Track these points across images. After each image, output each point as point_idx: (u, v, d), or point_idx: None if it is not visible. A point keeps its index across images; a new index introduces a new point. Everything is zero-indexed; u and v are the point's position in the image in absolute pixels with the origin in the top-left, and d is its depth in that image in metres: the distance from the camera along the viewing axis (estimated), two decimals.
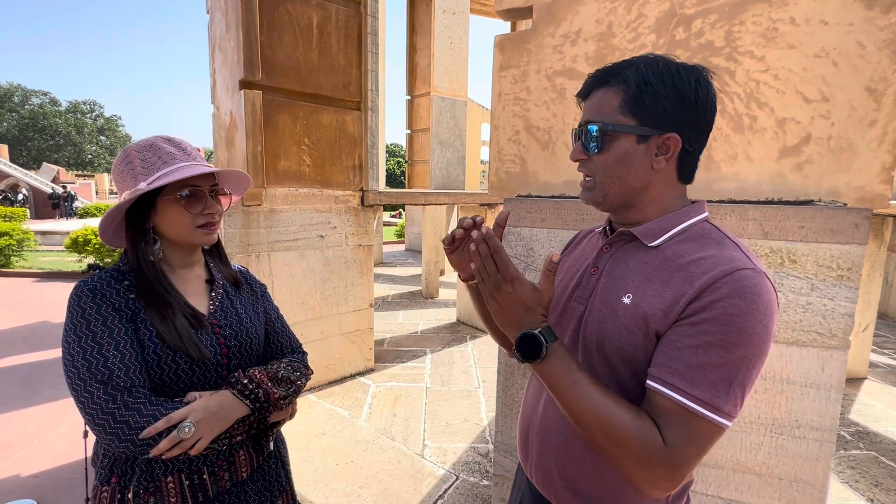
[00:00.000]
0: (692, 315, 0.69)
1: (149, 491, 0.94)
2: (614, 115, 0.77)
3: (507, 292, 0.73)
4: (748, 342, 0.65)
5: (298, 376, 1.13)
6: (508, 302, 0.74)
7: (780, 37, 1.26)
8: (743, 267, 0.69)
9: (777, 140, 1.29)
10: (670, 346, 0.70)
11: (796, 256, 1.25)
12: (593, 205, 0.83)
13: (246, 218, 3.12)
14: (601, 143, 0.78)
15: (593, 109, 0.80)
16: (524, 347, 0.73)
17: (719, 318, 0.66)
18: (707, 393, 0.65)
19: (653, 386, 0.69)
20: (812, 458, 1.28)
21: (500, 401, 1.74)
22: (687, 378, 0.66)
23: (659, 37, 1.41)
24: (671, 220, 0.80)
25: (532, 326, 0.73)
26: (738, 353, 0.65)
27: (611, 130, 0.77)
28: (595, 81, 0.81)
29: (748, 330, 0.65)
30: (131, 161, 0.98)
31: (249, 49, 2.97)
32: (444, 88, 6.89)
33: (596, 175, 0.81)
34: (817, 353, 1.25)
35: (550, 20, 1.57)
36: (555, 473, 0.86)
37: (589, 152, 0.80)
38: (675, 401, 0.66)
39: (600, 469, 0.80)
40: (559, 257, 0.64)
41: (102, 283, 0.95)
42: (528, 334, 0.72)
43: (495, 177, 1.73)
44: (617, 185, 0.79)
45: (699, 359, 0.66)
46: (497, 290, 0.74)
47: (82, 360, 0.88)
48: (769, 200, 1.31)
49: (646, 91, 0.75)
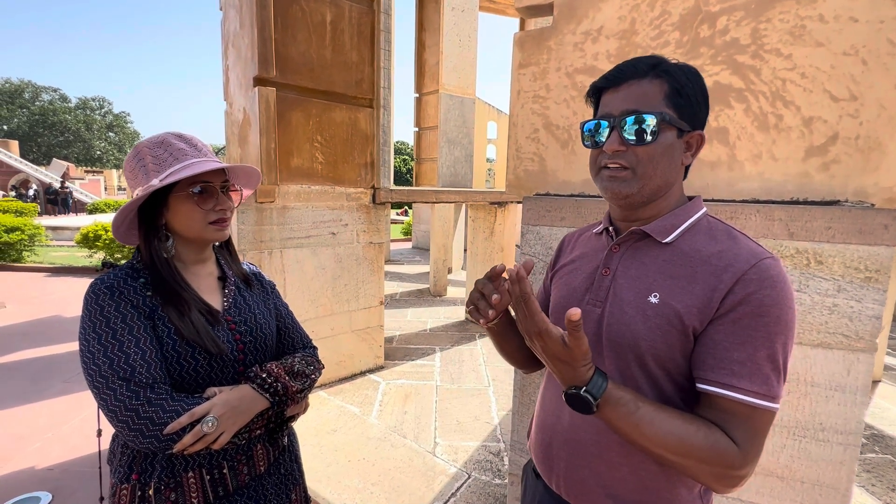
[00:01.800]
0: (730, 311, 0.70)
1: (170, 487, 0.95)
2: (661, 106, 0.75)
3: (539, 345, 0.71)
4: (785, 327, 0.69)
5: (312, 370, 1.15)
6: (544, 353, 0.71)
7: (808, 34, 1.24)
8: (764, 256, 0.72)
9: (803, 139, 1.27)
10: (717, 346, 0.70)
11: (823, 257, 1.23)
12: (623, 197, 0.79)
13: (259, 215, 3.13)
14: (655, 133, 0.75)
15: (635, 99, 0.76)
16: (572, 405, 0.71)
17: (758, 311, 0.69)
18: (764, 386, 0.68)
19: (712, 390, 0.70)
20: (836, 461, 1.26)
21: (517, 400, 1.73)
22: (744, 376, 0.68)
23: (683, 34, 1.39)
24: (679, 216, 0.81)
25: (575, 382, 0.70)
26: (779, 340, 0.69)
27: (666, 122, 0.75)
28: (634, 70, 0.78)
29: (784, 317, 0.69)
30: (143, 158, 0.98)
31: (264, 46, 2.98)
32: (453, 86, 6.88)
33: (638, 166, 0.77)
34: (843, 355, 1.23)
35: (571, 17, 1.56)
36: (591, 482, 0.84)
37: (630, 143, 0.76)
38: (740, 401, 0.68)
39: (638, 473, 0.80)
40: (579, 315, 0.63)
41: (119, 281, 0.95)
42: (572, 394, 0.70)
43: (513, 175, 1.72)
44: (658, 178, 0.78)
45: (749, 354, 0.68)
46: (530, 339, 0.72)
47: (103, 357, 0.88)
48: (794, 200, 1.29)
49: (688, 86, 0.76)
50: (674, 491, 0.79)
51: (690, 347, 0.74)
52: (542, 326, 0.69)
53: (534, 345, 0.72)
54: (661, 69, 0.76)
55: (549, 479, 0.92)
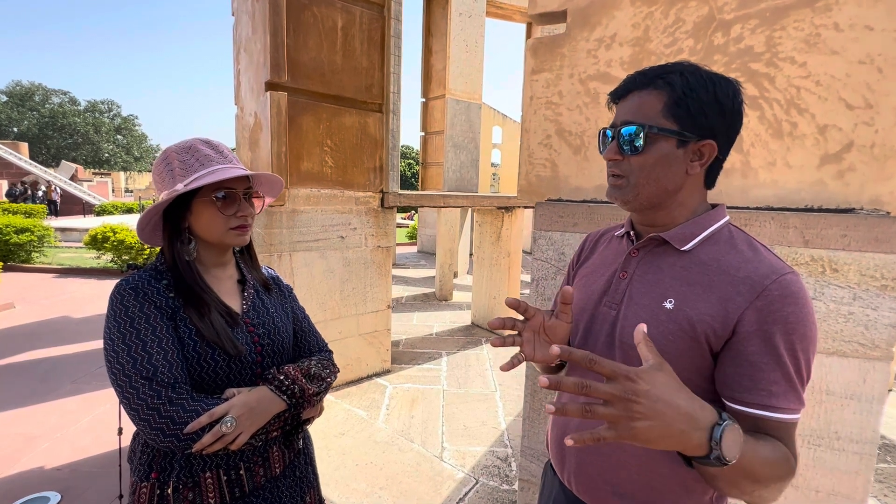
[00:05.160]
0: (758, 328, 0.71)
1: (188, 486, 0.96)
2: (657, 118, 0.77)
3: (645, 402, 0.56)
4: (810, 343, 0.71)
5: (328, 374, 1.16)
6: (653, 413, 0.56)
7: (823, 42, 1.24)
8: (785, 272, 0.72)
9: (818, 147, 1.27)
10: (751, 366, 0.71)
11: (838, 265, 1.23)
12: (621, 203, 0.84)
13: (269, 218, 3.15)
14: (643, 144, 0.77)
15: (632, 110, 0.79)
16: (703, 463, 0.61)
17: (786, 329, 0.69)
18: (796, 402, 0.71)
19: (752, 412, 0.71)
20: (852, 471, 1.25)
21: (528, 405, 1.73)
22: (781, 395, 0.70)
23: (696, 42, 1.40)
24: (699, 225, 0.81)
25: (698, 440, 0.58)
26: (806, 356, 0.71)
27: (654, 133, 0.77)
28: (635, 83, 0.80)
29: (809, 333, 0.70)
30: (170, 162, 1.00)
31: (276, 51, 3.01)
32: (459, 91, 6.90)
33: (630, 175, 0.80)
34: (859, 363, 1.23)
35: (585, 24, 1.57)
36: (599, 480, 0.86)
37: (625, 153, 0.79)
38: (783, 420, 0.70)
39: (646, 473, 0.81)
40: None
41: (143, 282, 0.97)
42: (706, 459, 0.59)
43: (525, 180, 1.73)
44: (652, 186, 0.80)
45: (784, 373, 0.70)
46: (629, 413, 0.55)
47: (127, 356, 0.90)
48: (809, 208, 1.29)
49: (690, 97, 0.76)
50: (684, 494, 0.79)
51: (702, 357, 0.75)
52: (630, 370, 0.57)
53: (636, 419, 0.56)
54: (664, 81, 0.77)
55: (562, 474, 0.93)
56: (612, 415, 0.55)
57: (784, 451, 0.69)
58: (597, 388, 0.55)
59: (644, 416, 0.55)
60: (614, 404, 0.55)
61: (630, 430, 0.55)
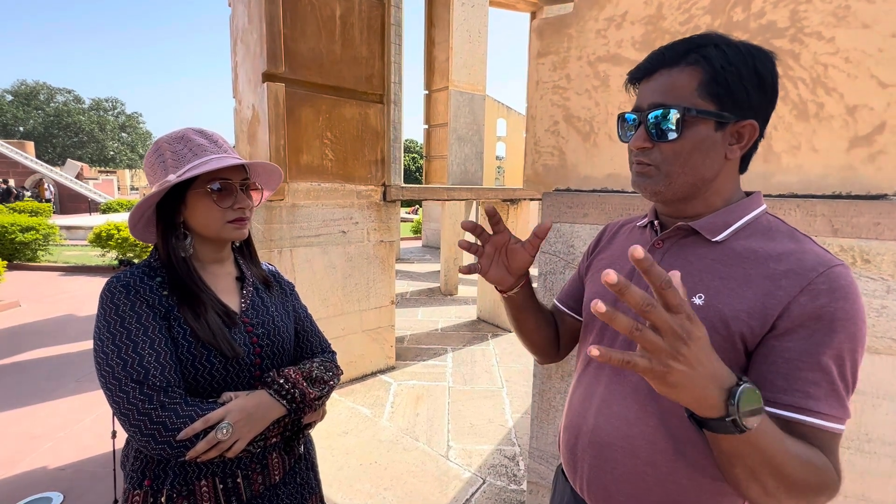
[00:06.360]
0: (801, 325, 0.63)
1: (182, 495, 0.92)
2: (692, 98, 0.68)
3: (694, 349, 0.52)
4: (859, 344, 0.63)
5: (331, 376, 1.11)
6: (695, 363, 0.52)
7: (853, 15, 1.15)
8: (834, 263, 0.65)
9: (847, 129, 1.18)
10: (787, 363, 0.63)
11: (870, 255, 1.15)
12: (651, 194, 0.75)
13: (268, 213, 3.09)
14: (678, 128, 0.69)
15: (662, 90, 0.70)
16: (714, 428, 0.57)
17: (833, 326, 0.62)
18: (839, 409, 0.63)
19: (786, 415, 0.63)
20: (884, 475, 1.18)
21: (536, 405, 1.66)
22: (823, 401, 0.62)
23: (714, 18, 1.31)
24: (733, 213, 0.74)
25: (718, 398, 0.54)
26: (853, 357, 0.64)
27: (692, 116, 0.68)
28: (663, 59, 0.72)
29: (858, 334, 0.63)
30: (162, 153, 0.96)
31: (272, 41, 2.93)
32: (463, 83, 6.80)
33: (662, 164, 0.72)
34: (892, 361, 1.14)
35: (594, 3, 1.48)
36: (613, 488, 0.79)
37: (657, 139, 0.71)
38: (822, 427, 0.62)
39: (663, 483, 0.74)
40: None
41: (135, 280, 0.92)
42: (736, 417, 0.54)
43: (531, 170, 1.65)
44: (688, 175, 0.71)
45: (826, 374, 0.62)
46: (675, 350, 0.51)
47: (117, 358, 0.85)
48: (836, 195, 1.21)
49: (729, 71, 0.67)
50: None
51: (736, 358, 0.67)
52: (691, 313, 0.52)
53: (677, 361, 0.51)
54: (698, 55, 0.69)
55: (574, 481, 0.88)
56: (657, 346, 0.51)
57: (824, 459, 0.61)
58: (659, 312, 0.50)
59: (686, 360, 0.51)
60: (666, 336, 0.51)
61: (666, 367, 0.51)
